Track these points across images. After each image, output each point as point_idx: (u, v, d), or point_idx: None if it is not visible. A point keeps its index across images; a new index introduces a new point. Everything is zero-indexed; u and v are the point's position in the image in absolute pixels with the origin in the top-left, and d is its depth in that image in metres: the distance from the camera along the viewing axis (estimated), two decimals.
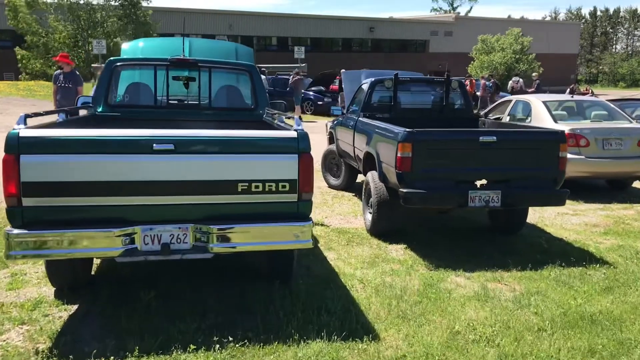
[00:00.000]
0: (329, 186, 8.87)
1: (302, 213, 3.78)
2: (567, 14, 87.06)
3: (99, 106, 5.66)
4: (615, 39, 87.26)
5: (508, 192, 5.23)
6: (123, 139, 3.55)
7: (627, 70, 74.70)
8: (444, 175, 5.23)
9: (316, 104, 22.23)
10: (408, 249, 5.63)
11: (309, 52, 39.11)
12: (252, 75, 5.98)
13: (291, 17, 47.45)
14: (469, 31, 51.01)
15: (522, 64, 38.82)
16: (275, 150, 3.73)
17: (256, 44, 45.84)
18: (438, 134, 5.33)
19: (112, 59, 5.86)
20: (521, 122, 8.98)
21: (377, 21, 50.99)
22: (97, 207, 3.53)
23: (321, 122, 19.17)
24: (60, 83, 10.14)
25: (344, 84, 8.98)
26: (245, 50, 7.64)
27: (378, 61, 46.91)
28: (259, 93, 5.96)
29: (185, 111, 5.92)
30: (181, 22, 41.58)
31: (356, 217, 6.98)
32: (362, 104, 7.22)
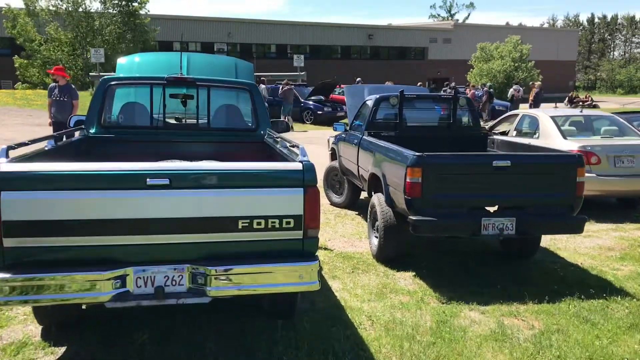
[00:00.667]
0: (331, 203, 8.59)
1: (308, 251, 3.50)
2: (565, 21, 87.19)
3: (92, 127, 5.39)
4: (613, 46, 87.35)
5: (523, 220, 4.96)
6: (113, 173, 3.26)
7: (625, 77, 74.64)
8: (456, 201, 4.96)
9: (316, 114, 21.99)
10: (417, 277, 5.35)
11: (307, 59, 38.91)
12: (253, 94, 5.72)
13: (290, 24, 47.29)
14: (467, 38, 50.98)
15: (521, 72, 38.63)
16: (279, 183, 3.44)
17: (255, 51, 45.68)
18: (449, 158, 5.06)
19: (105, 77, 5.59)
20: (528, 138, 8.73)
21: (376, 28, 50.86)
22: (85, 247, 3.24)
23: (317, 133, 18.91)
24: (55, 96, 9.88)
25: (347, 99, 8.72)
26: (245, 65, 7.37)
27: (377, 68, 46.83)
28: (260, 113, 5.69)
29: (182, 132, 5.65)
30: (180, 29, 41.41)
31: (361, 239, 6.69)
32: (367, 121, 6.96)
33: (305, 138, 17.36)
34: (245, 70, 7.30)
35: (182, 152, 5.42)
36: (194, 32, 42.42)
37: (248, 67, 7.41)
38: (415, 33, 52.64)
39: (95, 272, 3.20)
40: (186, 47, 43.15)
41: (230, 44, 44.37)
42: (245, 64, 7.48)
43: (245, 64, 7.44)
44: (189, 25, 42.27)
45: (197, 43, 43.44)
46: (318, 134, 19.01)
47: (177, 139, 5.54)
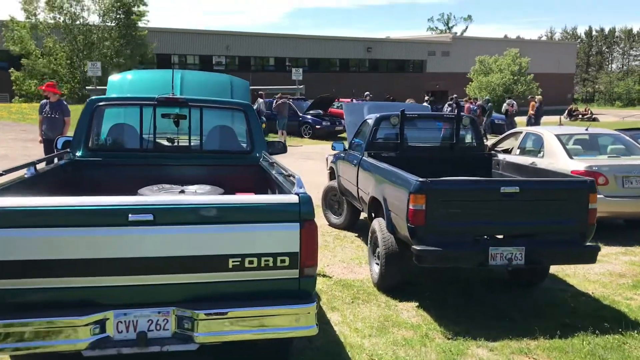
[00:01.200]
0: (329, 224, 8.31)
1: (304, 291, 3.22)
2: (562, 34, 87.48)
3: (79, 150, 5.14)
4: (610, 59, 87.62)
5: (532, 249, 4.69)
6: (91, 209, 3.00)
7: (624, 90, 74.76)
8: (462, 229, 4.69)
9: (314, 128, 21.76)
10: (420, 308, 5.07)
11: (306, 72, 38.77)
12: (248, 114, 5.47)
13: (288, 37, 47.26)
14: (466, 51, 50.95)
15: (520, 85, 38.56)
16: (273, 218, 3.18)
17: (253, 64, 45.60)
18: (455, 183, 4.80)
19: (93, 98, 5.34)
20: (533, 157, 8.49)
21: (374, 41, 50.86)
22: (61, 289, 2.97)
23: (315, 147, 18.65)
24: (46, 113, 9.62)
25: (346, 117, 8.48)
26: (241, 83, 7.13)
27: (376, 81, 46.73)
28: (255, 134, 5.44)
29: (174, 155, 5.39)
30: (177, 42, 41.35)
31: (361, 265, 6.41)
32: (367, 141, 6.71)
33: (303, 153, 17.12)
34: (241, 88, 7.07)
35: (173, 176, 5.17)
36: (192, 45, 42.35)
37: (244, 85, 7.18)
38: (414, 46, 52.65)
39: (71, 316, 2.93)
40: (184, 60, 43.13)
41: (228, 56, 44.28)
42: (241, 81, 7.24)
43: (240, 82, 7.20)
44: (187, 38, 42.20)
45: (195, 56, 43.38)
46: (316, 148, 18.78)
47: (168, 162, 5.29)
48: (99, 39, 32.09)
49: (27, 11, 30.68)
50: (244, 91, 7.10)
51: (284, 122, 19.82)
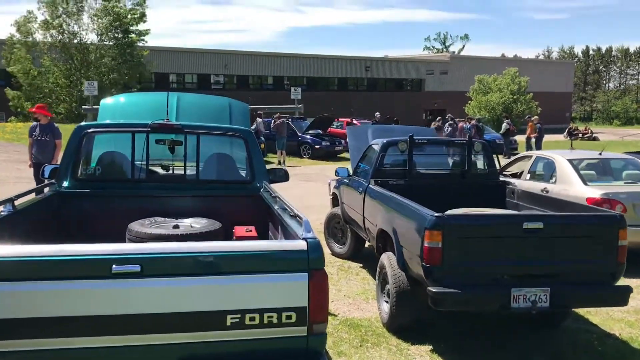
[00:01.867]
0: (332, 253, 7.91)
1: (313, 351, 2.82)
2: (559, 53, 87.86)
3: (65, 181, 4.75)
4: (608, 77, 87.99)
5: (558, 290, 4.29)
6: (69, 259, 2.60)
7: (621, 108, 74.91)
8: (481, 269, 4.30)
9: (314, 148, 21.44)
10: (435, 353, 4.65)
11: (304, 91, 38.56)
12: (248, 141, 5.10)
13: (287, 56, 47.22)
14: (464, 70, 50.98)
15: (519, 104, 38.40)
16: (277, 267, 2.78)
17: (252, 83, 45.49)
18: (474, 218, 4.42)
19: (81, 124, 4.98)
20: (544, 182, 8.13)
21: (373, 60, 50.86)
22: (32, 353, 2.56)
23: (315, 168, 18.29)
24: (36, 136, 9.26)
25: (349, 141, 8.13)
26: (240, 106, 6.79)
27: (374, 100, 46.61)
28: (256, 162, 5.07)
29: (168, 185, 5.01)
30: (175, 61, 41.20)
31: (368, 300, 6.00)
32: (373, 168, 6.34)
33: (303, 175, 16.76)
34: (240, 112, 6.72)
35: (167, 208, 4.79)
36: (190, 63, 42.22)
37: (243, 109, 6.83)
38: (412, 65, 52.69)
39: None
40: (182, 79, 42.99)
41: (226, 75, 44.17)
42: (240, 104, 6.90)
43: (239, 105, 6.86)
44: (185, 57, 42.08)
45: (193, 75, 43.24)
46: (316, 169, 18.44)
47: (161, 193, 4.90)
48: (97, 57, 31.87)
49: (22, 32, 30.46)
50: (243, 115, 6.76)
51: (283, 142, 19.49)
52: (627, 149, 29.00)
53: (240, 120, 6.47)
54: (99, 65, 32.02)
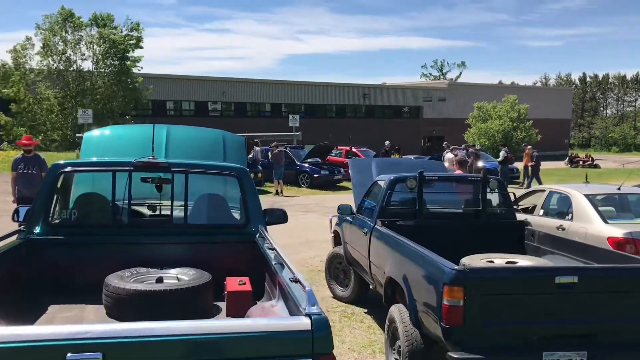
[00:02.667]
0: (334, 296, 7.33)
1: None
2: (557, 80, 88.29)
3: (36, 226, 4.23)
4: (605, 104, 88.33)
5: (596, 353, 3.74)
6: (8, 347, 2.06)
7: (620, 135, 74.96)
8: (508, 329, 3.75)
9: (312, 177, 20.93)
10: None
11: (302, 118, 38.29)
12: (242, 181, 4.60)
13: (284, 83, 47.14)
14: (462, 97, 50.97)
15: (519, 132, 38.14)
16: (274, 352, 2.24)
17: (249, 110, 45.28)
18: (499, 272, 3.89)
19: (56, 163, 4.47)
20: (560, 219, 7.62)
21: (370, 87, 50.84)
22: None
23: (314, 198, 17.75)
24: (21, 169, 8.75)
25: (352, 175, 7.62)
26: (235, 140, 6.30)
27: (372, 127, 46.35)
28: (251, 204, 4.56)
29: (152, 231, 4.49)
30: (172, 88, 40.99)
31: (375, 355, 5.42)
32: (379, 206, 5.82)
33: (301, 205, 16.23)
34: (235, 146, 6.23)
35: (151, 256, 4.27)
36: (187, 91, 42.03)
37: (237, 142, 6.35)
38: (410, 92, 52.66)
39: None
40: (179, 106, 42.75)
41: (224, 102, 43.97)
42: (235, 138, 6.42)
43: (234, 138, 6.37)
44: (182, 84, 41.91)
45: (190, 102, 43.02)
46: (315, 199, 17.91)
47: (145, 240, 4.38)
48: (92, 85, 31.55)
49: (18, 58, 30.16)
50: (238, 149, 6.27)
51: (281, 172, 19.00)
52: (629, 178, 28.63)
53: (235, 156, 5.99)
54: (94, 93, 31.67)
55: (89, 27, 30.99)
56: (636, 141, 75.77)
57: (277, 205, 16.77)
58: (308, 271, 8.72)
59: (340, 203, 6.89)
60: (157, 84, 38.50)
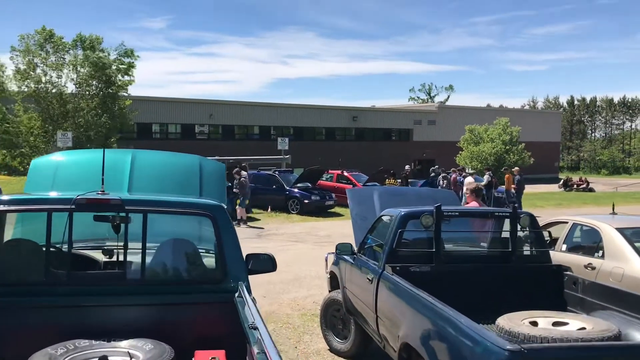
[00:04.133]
0: (330, 350, 6.26)
1: None
2: (545, 102, 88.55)
3: None
4: (593, 127, 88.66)
5: None
6: None
7: (608, 158, 75.02)
8: None
9: (302, 203, 19.84)
10: None
11: (291, 141, 37.47)
12: (217, 221, 3.60)
13: (273, 106, 46.40)
14: (452, 120, 50.64)
15: (512, 155, 37.48)
16: None
17: (237, 132, 44.43)
18: (566, 351, 2.87)
19: None
20: (588, 256, 6.65)
21: (360, 110, 50.26)
22: None
23: (304, 226, 16.64)
24: None
25: (351, 207, 6.62)
26: (214, 168, 5.28)
27: (362, 150, 45.59)
28: (229, 252, 3.56)
29: (99, 289, 3.44)
30: (158, 111, 40.06)
31: None
32: (389, 249, 4.80)
33: (291, 234, 15.15)
34: (214, 175, 5.21)
35: (96, 324, 3.23)
36: (173, 113, 41.11)
37: (217, 170, 5.32)
38: (400, 115, 52.19)
39: None
40: (165, 129, 41.72)
41: (212, 125, 43.06)
42: (214, 165, 5.40)
43: (213, 166, 5.35)
44: (169, 107, 41.00)
45: (177, 125, 42.05)
46: (306, 227, 16.82)
47: (89, 302, 3.34)
48: (75, 108, 30.40)
49: None
50: (217, 179, 5.25)
51: (246, 202, 17.51)
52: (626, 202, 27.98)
53: (213, 187, 4.98)
54: (77, 117, 30.50)
55: (73, 49, 29.92)
56: (625, 164, 75.88)
57: (266, 234, 15.74)
58: (300, 315, 7.65)
59: (332, 230, 5.92)
60: (142, 107, 37.50)
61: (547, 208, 24.85)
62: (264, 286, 9.07)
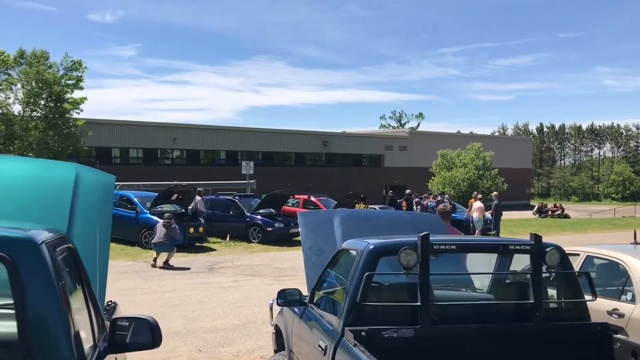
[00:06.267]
0: None
1: None
2: (514, 130, 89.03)
3: None
4: (562, 154, 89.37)
5: None
6: None
7: (578, 184, 75.27)
8: None
9: (264, 231, 18.03)
10: None
11: (259, 166, 35.83)
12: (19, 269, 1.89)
13: (241, 130, 44.82)
14: (424, 145, 49.87)
15: (485, 180, 36.50)
16: None
17: (203, 158, 42.66)
18: None
19: None
20: (612, 300, 5.13)
21: (331, 135, 49.05)
22: None
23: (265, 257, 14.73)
24: None
25: (303, 235, 4.94)
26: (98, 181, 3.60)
27: (333, 176, 44.18)
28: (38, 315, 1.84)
29: None
30: (119, 134, 38.07)
31: None
32: (349, 301, 3.15)
33: (248, 267, 13.34)
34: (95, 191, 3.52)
35: None
36: (135, 137, 39.14)
37: (103, 185, 3.63)
38: (371, 140, 51.17)
39: None
40: (126, 153, 39.66)
41: (176, 149, 41.17)
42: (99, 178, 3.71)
43: (97, 179, 3.66)
44: (130, 131, 39.05)
45: (138, 149, 40.05)
46: (266, 258, 14.99)
47: None
48: (22, 129, 28.20)
49: None
50: (102, 197, 3.56)
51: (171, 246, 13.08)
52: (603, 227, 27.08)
53: (88, 208, 3.30)
54: (24, 139, 28.28)
55: (17, 65, 27.86)
56: (594, 191, 76.20)
57: (219, 267, 13.81)
58: None
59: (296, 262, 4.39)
60: (101, 130, 35.51)
61: (525, 235, 23.57)
62: (201, 335, 7.28)
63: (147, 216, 15.83)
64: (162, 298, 9.55)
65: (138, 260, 13.84)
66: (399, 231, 4.48)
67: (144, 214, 15.94)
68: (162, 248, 12.74)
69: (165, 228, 12.74)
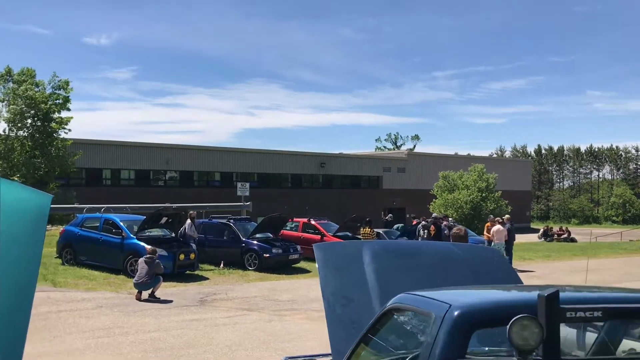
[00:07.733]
0: None
1: None
2: (512, 152, 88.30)
3: None
4: (561, 176, 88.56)
5: None
6: None
7: (578, 207, 74.26)
8: None
9: (261, 257, 16.62)
10: None
11: (255, 188, 34.56)
12: None
13: (236, 151, 43.63)
14: (422, 167, 48.78)
15: (489, 203, 35.36)
16: None
17: (197, 179, 41.41)
18: None
19: None
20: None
21: (328, 157, 47.91)
22: None
23: (262, 287, 13.23)
24: None
25: (322, 276, 3.67)
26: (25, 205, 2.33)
27: (330, 198, 42.99)
28: None
29: None
30: (111, 155, 36.78)
31: None
32: None
33: (243, 299, 11.95)
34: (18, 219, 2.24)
35: None
36: (127, 159, 37.91)
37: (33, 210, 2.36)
38: (369, 162, 50.04)
39: None
40: (117, 174, 38.37)
41: (169, 171, 39.91)
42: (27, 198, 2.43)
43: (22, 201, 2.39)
44: (122, 152, 37.82)
45: (130, 171, 38.76)
46: (263, 289, 13.54)
47: None
48: (7, 149, 26.92)
49: None
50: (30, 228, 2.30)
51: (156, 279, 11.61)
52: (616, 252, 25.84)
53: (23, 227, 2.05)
54: (10, 159, 27.00)
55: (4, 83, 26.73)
56: (594, 213, 75.17)
57: (211, 300, 12.25)
58: None
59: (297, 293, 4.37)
60: (92, 151, 34.25)
61: (537, 260, 22.35)
62: None
63: (133, 241, 14.45)
64: (143, 340, 8.19)
65: (122, 291, 12.43)
66: (454, 273, 3.24)
67: (130, 239, 14.56)
68: (146, 287, 11.36)
69: (148, 265, 11.28)
